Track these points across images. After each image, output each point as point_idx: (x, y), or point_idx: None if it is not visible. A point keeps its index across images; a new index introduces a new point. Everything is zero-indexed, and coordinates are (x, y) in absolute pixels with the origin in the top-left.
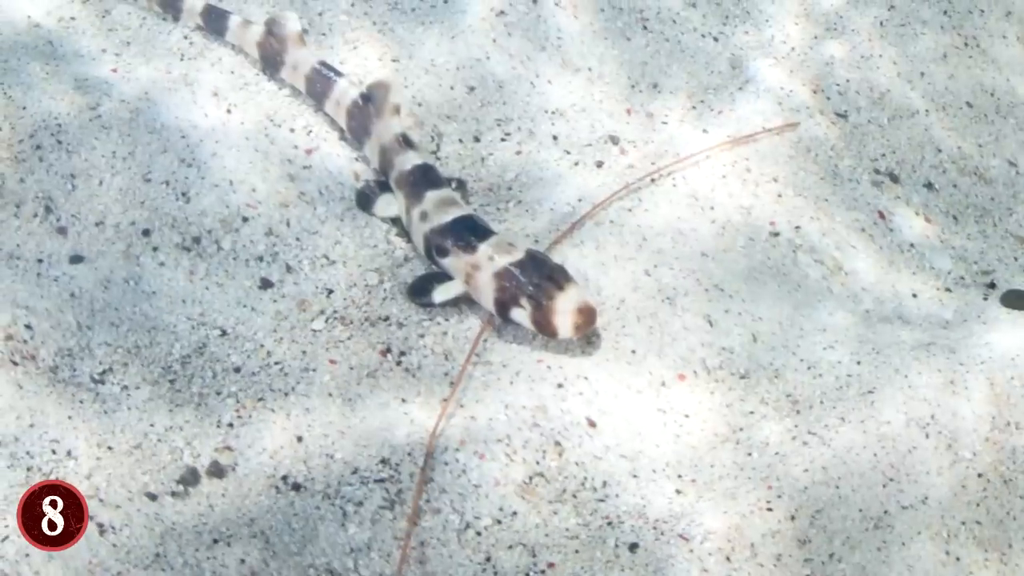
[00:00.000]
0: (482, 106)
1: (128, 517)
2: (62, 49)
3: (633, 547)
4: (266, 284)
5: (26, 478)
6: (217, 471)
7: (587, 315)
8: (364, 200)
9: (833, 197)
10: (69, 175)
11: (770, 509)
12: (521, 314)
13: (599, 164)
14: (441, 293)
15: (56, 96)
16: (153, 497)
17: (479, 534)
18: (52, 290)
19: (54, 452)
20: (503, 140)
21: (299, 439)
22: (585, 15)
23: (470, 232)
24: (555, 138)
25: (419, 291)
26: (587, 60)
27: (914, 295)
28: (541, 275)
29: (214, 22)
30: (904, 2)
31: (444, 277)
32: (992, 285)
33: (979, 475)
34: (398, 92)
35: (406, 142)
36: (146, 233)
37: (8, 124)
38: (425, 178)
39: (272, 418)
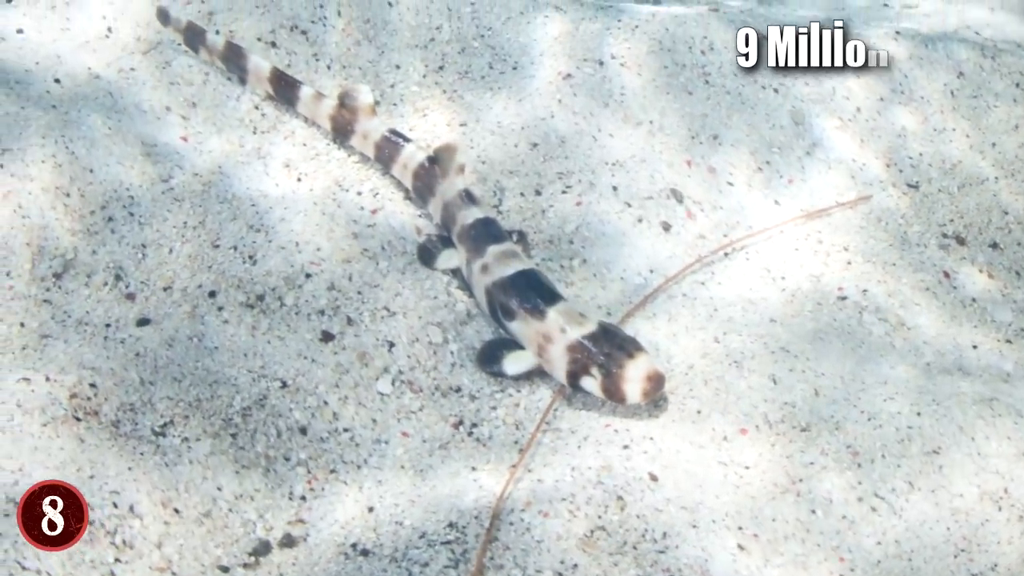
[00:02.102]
0: (544, 161)
1: None
2: (123, 102)
3: None
4: (327, 337)
5: (89, 534)
6: (288, 542)
7: (656, 382)
8: (426, 255)
9: (901, 261)
10: (140, 245)
11: None
12: (591, 383)
13: (666, 227)
14: (513, 365)
15: (124, 162)
16: (226, 570)
17: None
18: (118, 351)
19: (115, 505)
20: (564, 192)
21: (370, 509)
22: (648, 72)
23: (535, 294)
24: (615, 189)
25: (489, 360)
26: (648, 113)
27: (974, 347)
28: (612, 345)
29: (284, 91)
30: (974, 70)
31: (513, 344)
32: None
33: None
34: (464, 153)
35: (469, 197)
36: (212, 295)
37: (77, 190)
38: (487, 231)
39: (345, 491)
